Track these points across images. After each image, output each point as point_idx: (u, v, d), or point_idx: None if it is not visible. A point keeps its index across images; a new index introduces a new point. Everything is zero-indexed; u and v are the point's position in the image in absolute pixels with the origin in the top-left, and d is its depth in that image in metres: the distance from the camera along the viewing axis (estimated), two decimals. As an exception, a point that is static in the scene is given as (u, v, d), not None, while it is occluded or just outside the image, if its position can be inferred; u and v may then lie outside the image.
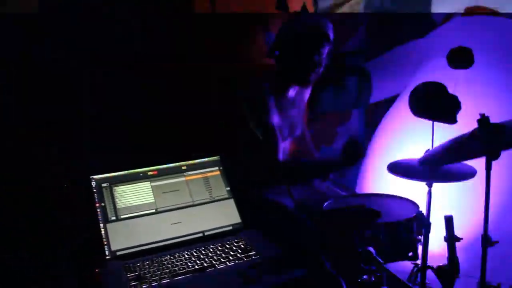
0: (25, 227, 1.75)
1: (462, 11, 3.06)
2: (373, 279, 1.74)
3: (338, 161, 2.09)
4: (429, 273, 2.07)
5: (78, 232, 1.64)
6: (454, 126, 2.02)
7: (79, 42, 2.19)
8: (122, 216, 1.58)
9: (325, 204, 2.11)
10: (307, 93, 2.40)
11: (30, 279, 1.32)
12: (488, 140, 1.74)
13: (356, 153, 2.05)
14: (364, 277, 1.73)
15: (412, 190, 2.17)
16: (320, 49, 2.11)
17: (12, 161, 1.92)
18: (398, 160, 2.24)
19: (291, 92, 2.25)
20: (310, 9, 2.95)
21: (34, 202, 1.88)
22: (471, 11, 3.02)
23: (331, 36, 2.13)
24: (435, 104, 2.06)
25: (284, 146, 2.29)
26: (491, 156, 1.77)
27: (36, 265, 1.38)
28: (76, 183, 1.64)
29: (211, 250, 1.51)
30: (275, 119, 2.14)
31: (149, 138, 2.29)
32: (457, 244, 1.87)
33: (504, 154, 1.76)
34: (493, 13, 2.98)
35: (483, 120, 1.76)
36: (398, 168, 2.16)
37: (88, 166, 1.98)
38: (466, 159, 1.94)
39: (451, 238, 1.82)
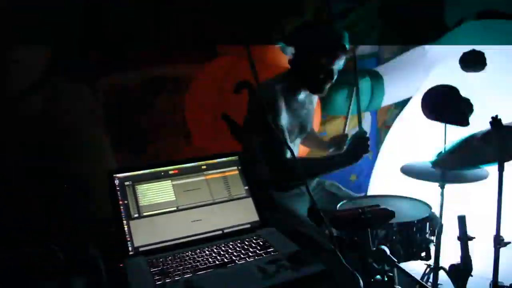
0: (51, 224, 1.82)
1: (475, 15, 3.09)
2: (386, 278, 1.77)
3: (342, 158, 2.17)
4: (442, 274, 2.10)
5: (102, 229, 1.69)
6: (466, 128, 2.05)
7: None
8: (145, 214, 1.62)
9: (339, 204, 2.15)
10: (314, 96, 2.45)
11: (59, 272, 1.37)
12: (501, 141, 1.77)
13: (359, 149, 2.13)
14: (377, 276, 1.76)
15: (425, 191, 2.20)
16: (337, 60, 2.15)
17: (39, 159, 1.98)
18: (411, 162, 2.27)
19: (302, 94, 2.29)
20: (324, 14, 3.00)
21: (62, 199, 1.94)
22: (483, 15, 3.05)
23: (347, 46, 2.17)
24: (447, 107, 2.09)
25: (293, 147, 2.34)
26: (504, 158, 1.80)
27: (66, 260, 1.43)
28: (101, 181, 1.68)
29: (231, 246, 1.55)
30: (285, 120, 2.18)
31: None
32: (470, 244, 1.90)
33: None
34: (505, 16, 3.00)
35: (495, 121, 1.79)
36: (411, 170, 2.19)
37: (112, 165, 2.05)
38: (480, 164, 1.96)
39: (464, 237, 1.85)
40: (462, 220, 1.87)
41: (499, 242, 1.84)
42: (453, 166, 2.07)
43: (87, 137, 2.24)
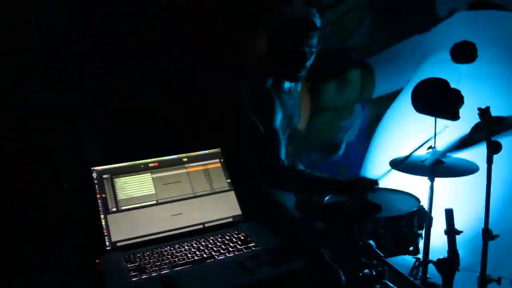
0: (27, 218, 1.77)
1: (467, 5, 3.05)
2: (374, 273, 1.74)
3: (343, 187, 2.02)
4: (431, 268, 2.08)
5: (79, 223, 1.64)
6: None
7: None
8: (123, 208, 1.58)
9: (327, 197, 2.11)
10: (298, 85, 2.39)
11: (32, 268, 1.33)
12: (489, 131, 1.74)
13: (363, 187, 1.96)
14: (365, 271, 1.74)
15: (414, 184, 2.17)
16: (308, 40, 2.06)
17: (13, 152, 1.92)
18: (400, 156, 2.24)
19: (287, 84, 2.24)
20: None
21: (36, 194, 1.89)
22: (475, 5, 3.01)
23: (318, 23, 2.08)
24: (437, 101, 2.06)
25: (285, 141, 2.29)
26: (493, 150, 1.77)
27: (40, 255, 1.39)
28: (78, 174, 1.64)
29: (211, 241, 1.51)
30: (278, 118, 2.12)
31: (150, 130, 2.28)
32: (459, 238, 1.87)
33: (506, 148, 1.76)
34: (498, 7, 2.96)
35: (484, 112, 1.76)
36: (401, 163, 2.16)
37: (89, 157, 2.00)
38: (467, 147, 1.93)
39: (451, 231, 1.83)
40: (449, 213, 1.84)
41: (487, 236, 1.81)
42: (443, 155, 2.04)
43: (70, 132, 2.17)
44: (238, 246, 1.46)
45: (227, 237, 1.53)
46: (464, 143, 1.95)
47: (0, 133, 1.93)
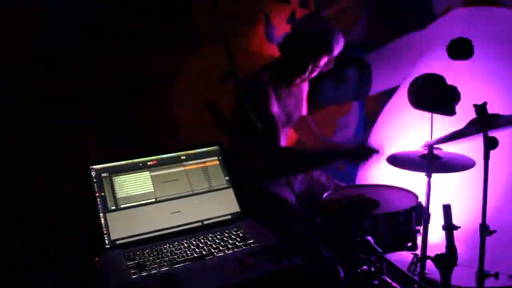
0: (26, 216, 1.77)
1: (463, 2, 3.06)
2: (373, 269, 1.75)
3: (348, 154, 2.07)
4: (429, 264, 2.08)
5: (78, 222, 1.64)
6: (453, 117, 2.02)
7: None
8: (122, 206, 1.59)
9: (325, 194, 2.12)
10: (304, 83, 2.39)
11: (31, 267, 1.33)
12: (486, 128, 1.75)
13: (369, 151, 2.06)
14: (364, 267, 1.74)
15: (411, 180, 2.18)
16: (316, 58, 2.07)
17: (12, 151, 1.92)
18: (397, 152, 2.24)
19: None
20: (311, 2, 2.94)
21: (35, 193, 1.89)
22: (471, 2, 3.02)
23: (335, 47, 2.08)
24: (434, 96, 2.06)
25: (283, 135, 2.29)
26: (489, 145, 1.77)
27: (38, 254, 1.39)
28: (76, 173, 1.64)
29: (210, 238, 1.52)
30: (274, 108, 2.13)
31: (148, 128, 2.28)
32: (457, 233, 1.88)
33: (502, 144, 1.77)
34: (494, 4, 2.97)
35: (480, 107, 1.76)
36: (398, 160, 2.16)
37: (88, 155, 2.00)
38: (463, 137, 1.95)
39: (449, 226, 1.83)
40: (447, 209, 1.84)
41: (485, 231, 1.82)
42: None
43: (68, 131, 2.17)
44: (237, 243, 1.47)
45: (226, 234, 1.54)
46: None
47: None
